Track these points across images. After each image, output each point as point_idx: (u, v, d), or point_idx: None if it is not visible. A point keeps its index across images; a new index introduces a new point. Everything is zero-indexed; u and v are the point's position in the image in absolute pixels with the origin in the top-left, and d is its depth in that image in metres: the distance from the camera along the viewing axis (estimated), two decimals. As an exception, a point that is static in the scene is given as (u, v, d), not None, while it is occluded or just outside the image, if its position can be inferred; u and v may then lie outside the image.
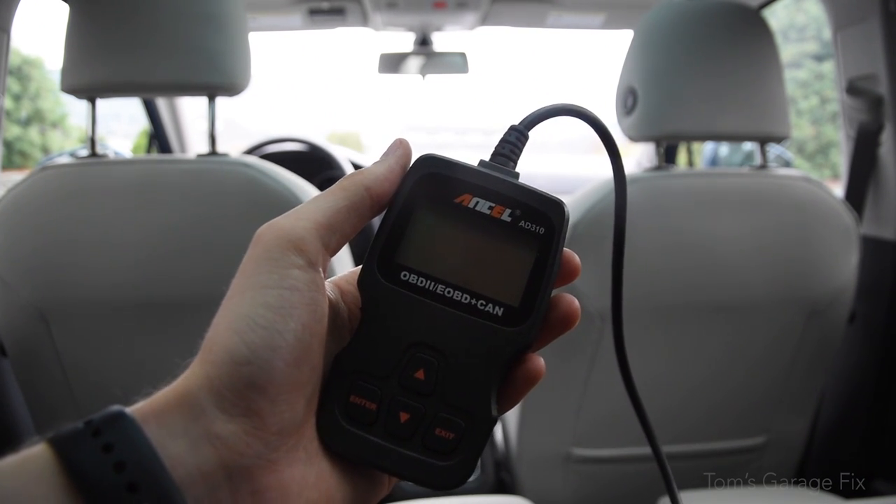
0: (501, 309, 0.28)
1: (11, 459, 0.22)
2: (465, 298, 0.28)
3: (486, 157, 0.31)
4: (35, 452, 0.22)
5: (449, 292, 0.28)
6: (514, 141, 0.31)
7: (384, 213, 0.29)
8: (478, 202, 0.29)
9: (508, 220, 0.28)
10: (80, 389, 1.00)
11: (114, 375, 0.99)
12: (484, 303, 0.28)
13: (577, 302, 0.29)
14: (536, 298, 0.28)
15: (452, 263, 0.28)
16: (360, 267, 0.31)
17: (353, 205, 0.28)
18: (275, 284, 0.25)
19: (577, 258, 0.29)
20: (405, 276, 0.28)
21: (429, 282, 0.28)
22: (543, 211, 0.29)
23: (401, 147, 0.30)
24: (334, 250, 0.28)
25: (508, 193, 0.29)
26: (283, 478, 0.25)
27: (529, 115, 0.32)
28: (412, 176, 0.29)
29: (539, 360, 0.29)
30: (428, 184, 0.29)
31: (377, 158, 0.30)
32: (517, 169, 0.31)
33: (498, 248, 0.28)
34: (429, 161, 0.29)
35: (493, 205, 0.29)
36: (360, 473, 0.28)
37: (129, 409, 0.23)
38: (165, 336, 0.97)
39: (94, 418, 0.23)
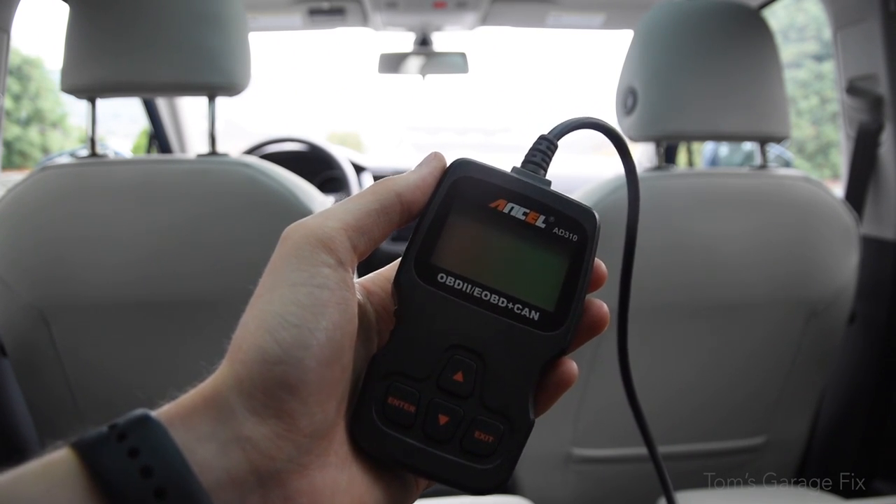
0: (538, 314, 0.28)
1: (35, 464, 0.21)
2: (503, 302, 0.28)
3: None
4: (59, 457, 0.21)
5: (486, 295, 0.28)
6: (544, 149, 0.31)
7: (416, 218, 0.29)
8: (513, 207, 0.29)
9: (543, 226, 0.29)
10: (81, 389, 1.00)
11: (114, 374, 0.99)
12: (521, 307, 0.28)
13: (605, 307, 0.29)
14: (571, 304, 0.29)
15: (489, 267, 0.29)
16: (385, 269, 0.32)
17: (382, 208, 0.28)
18: (305, 282, 0.25)
19: (604, 266, 0.30)
20: (442, 277, 0.28)
21: (466, 284, 0.28)
22: (576, 219, 0.29)
23: (435, 159, 0.30)
24: (363, 253, 0.27)
25: (543, 200, 0.29)
26: (315, 482, 0.24)
27: (559, 126, 0.32)
28: (448, 179, 0.29)
29: (572, 364, 0.29)
30: (463, 187, 0.29)
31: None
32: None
33: (533, 254, 0.29)
34: (464, 165, 0.29)
35: (527, 211, 0.29)
36: (391, 478, 0.28)
37: (154, 413, 0.23)
38: (166, 335, 0.97)
39: (119, 422, 0.22)
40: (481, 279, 0.28)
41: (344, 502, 0.25)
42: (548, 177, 0.31)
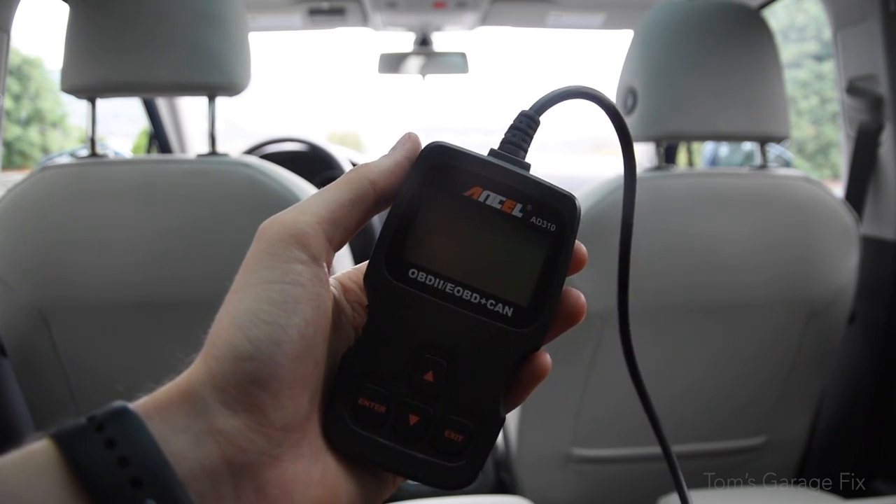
0: (511, 309, 0.28)
1: (14, 455, 0.22)
2: (475, 298, 0.28)
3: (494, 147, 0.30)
4: (38, 448, 0.22)
5: (458, 291, 0.28)
6: (524, 128, 0.30)
7: (391, 205, 0.28)
8: (488, 196, 0.28)
9: (520, 215, 0.28)
10: (81, 389, 1.00)
11: (114, 375, 0.99)
12: (494, 303, 0.28)
13: (583, 297, 0.29)
14: (547, 299, 0.28)
15: (462, 261, 0.28)
16: (364, 264, 0.31)
17: (357, 199, 0.28)
18: (277, 279, 0.25)
19: (584, 249, 0.29)
20: (413, 273, 0.28)
21: (438, 280, 0.28)
22: (555, 207, 0.28)
23: (409, 141, 0.29)
24: (338, 245, 0.28)
25: (520, 187, 0.28)
26: (287, 474, 0.25)
27: (540, 100, 0.30)
28: (420, 166, 0.28)
29: (545, 357, 0.29)
30: (436, 175, 0.28)
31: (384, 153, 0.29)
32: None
33: (508, 246, 0.28)
34: (437, 150, 0.28)
35: (504, 199, 0.28)
36: (366, 471, 0.28)
37: (131, 405, 0.23)
38: (165, 335, 0.97)
39: (97, 414, 0.23)
40: (454, 274, 0.28)
41: (317, 494, 0.25)
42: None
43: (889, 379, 1.21)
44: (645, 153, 1.90)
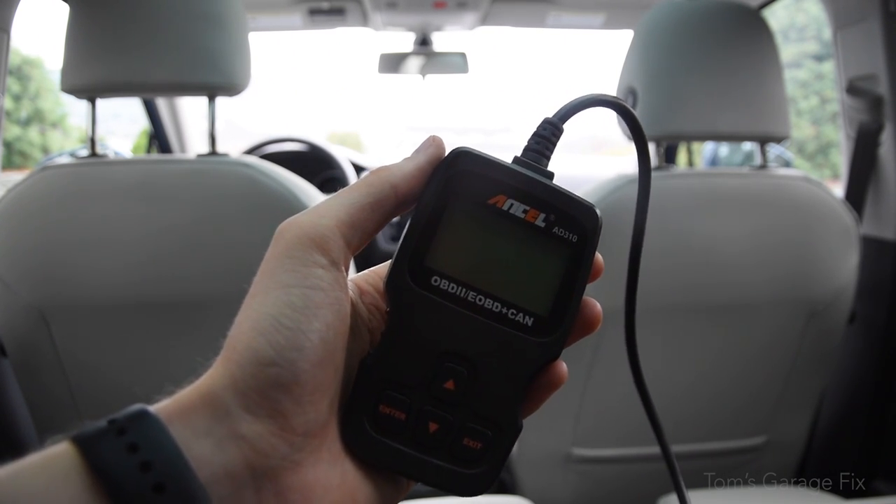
0: (532, 319, 0.28)
1: (35, 458, 0.21)
2: (496, 307, 0.28)
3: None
4: (59, 451, 0.22)
5: (480, 300, 0.28)
6: (547, 136, 0.30)
7: (413, 209, 0.28)
8: (512, 204, 0.28)
9: (542, 225, 0.28)
10: (81, 389, 1.00)
11: (114, 375, 0.99)
12: (515, 312, 0.28)
13: (599, 306, 0.29)
14: (566, 310, 0.28)
15: (484, 269, 0.28)
16: (379, 267, 0.31)
17: (377, 202, 0.27)
18: (298, 283, 0.25)
19: (601, 258, 0.29)
20: (436, 281, 0.27)
21: (460, 288, 0.28)
22: (577, 217, 0.28)
23: (433, 146, 0.29)
24: (357, 248, 0.27)
25: (543, 197, 0.28)
26: (308, 478, 0.25)
27: (564, 107, 0.30)
28: (444, 171, 0.28)
29: (562, 366, 0.29)
30: (461, 182, 0.28)
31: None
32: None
33: (530, 255, 0.28)
34: (462, 156, 0.28)
35: (527, 208, 0.28)
36: (383, 475, 0.28)
37: (152, 408, 0.23)
38: (165, 335, 0.97)
39: (118, 417, 0.23)
40: (476, 283, 0.28)
41: (335, 498, 0.25)
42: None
43: (889, 379, 1.21)
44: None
